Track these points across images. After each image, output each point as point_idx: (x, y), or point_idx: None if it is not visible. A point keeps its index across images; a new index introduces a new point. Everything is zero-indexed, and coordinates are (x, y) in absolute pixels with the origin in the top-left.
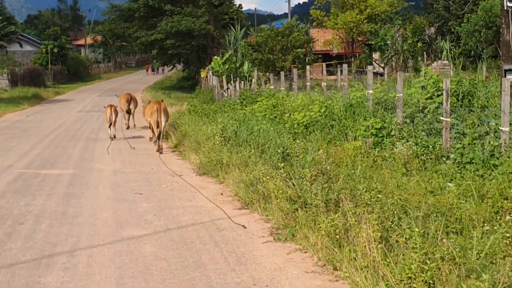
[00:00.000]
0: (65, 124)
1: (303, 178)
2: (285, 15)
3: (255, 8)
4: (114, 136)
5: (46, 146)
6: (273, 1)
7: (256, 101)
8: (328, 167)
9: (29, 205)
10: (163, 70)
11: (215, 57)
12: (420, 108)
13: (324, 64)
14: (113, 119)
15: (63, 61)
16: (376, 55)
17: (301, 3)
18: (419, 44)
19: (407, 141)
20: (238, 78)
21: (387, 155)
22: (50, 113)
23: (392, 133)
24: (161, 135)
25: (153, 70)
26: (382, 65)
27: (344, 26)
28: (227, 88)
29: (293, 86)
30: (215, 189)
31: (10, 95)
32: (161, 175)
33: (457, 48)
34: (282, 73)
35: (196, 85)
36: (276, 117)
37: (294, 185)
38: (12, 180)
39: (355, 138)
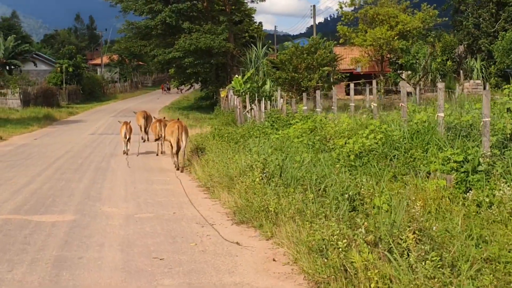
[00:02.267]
0: (73, 150)
1: (401, 244)
2: (301, 35)
3: (275, 27)
4: (128, 150)
5: (47, 179)
6: (288, 22)
7: (289, 124)
8: (430, 226)
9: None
10: (181, 90)
11: (236, 76)
12: (509, 135)
13: (352, 84)
14: (128, 136)
15: (78, 80)
16: (403, 74)
17: (321, 21)
18: (449, 63)
19: (503, 178)
20: (261, 98)
21: (485, 200)
22: (60, 136)
23: (480, 168)
24: (184, 153)
25: (167, 89)
26: (410, 84)
27: (374, 43)
28: (251, 109)
29: (333, 107)
30: (262, 250)
31: (20, 115)
32: (187, 224)
33: (487, 67)
34: (318, 92)
35: (214, 105)
36: (314, 143)
37: (388, 254)
38: None
39: (429, 174)
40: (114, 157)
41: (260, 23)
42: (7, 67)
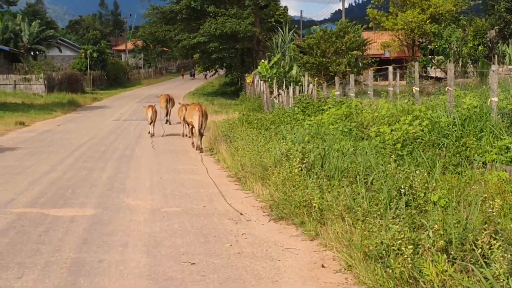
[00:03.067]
0: (97, 136)
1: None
2: (325, 21)
3: (301, 11)
4: (153, 134)
5: (68, 168)
6: (312, 8)
7: (321, 110)
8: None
9: None
10: (205, 75)
11: (262, 61)
12: None
13: (390, 67)
14: (154, 119)
15: (103, 66)
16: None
17: (347, 7)
18: (480, 48)
19: None
20: (289, 83)
21: None
22: (84, 122)
23: None
24: (202, 135)
25: (192, 75)
26: (440, 69)
27: (405, 27)
28: (278, 94)
29: (368, 92)
30: (307, 252)
31: (44, 101)
32: (219, 221)
33: None
34: (352, 76)
35: (239, 91)
36: (351, 130)
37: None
38: (1, 230)
39: (484, 165)
40: (138, 144)
41: (286, 7)
42: (32, 53)
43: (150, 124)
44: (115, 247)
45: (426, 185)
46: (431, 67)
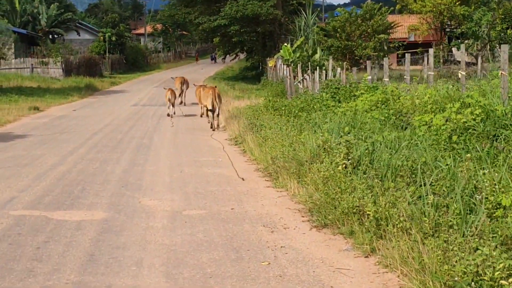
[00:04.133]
0: (113, 123)
1: None
2: (346, 5)
3: None
4: (174, 113)
5: (79, 159)
6: None
7: (352, 95)
8: None
9: None
10: (224, 59)
11: (285, 44)
12: None
13: (430, 50)
14: (173, 101)
15: (121, 50)
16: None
17: None
18: (509, 31)
19: None
20: (313, 68)
21: None
22: (100, 107)
23: None
24: (218, 115)
25: (213, 59)
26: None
27: (433, 9)
28: (303, 79)
29: (405, 77)
30: (365, 275)
31: (61, 85)
32: (251, 228)
33: None
34: (386, 59)
35: (260, 76)
36: (389, 118)
37: None
38: None
39: None
40: (157, 132)
41: None
42: (50, 36)
43: (169, 106)
44: (127, 266)
45: (495, 186)
46: (460, 50)
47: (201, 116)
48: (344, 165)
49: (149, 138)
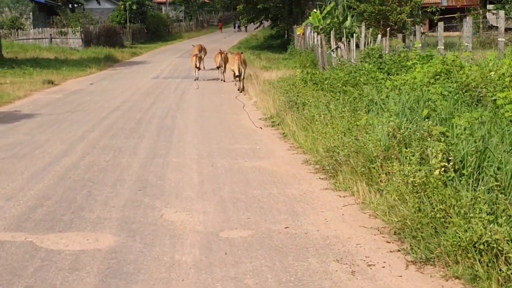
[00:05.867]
0: (132, 99)
1: None
2: None
3: None
4: (198, 78)
5: (89, 148)
6: None
7: (403, 66)
8: None
9: None
10: (246, 28)
11: (314, 10)
12: None
13: (501, 13)
14: (198, 65)
15: (142, 19)
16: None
17: None
18: None
19: None
20: (346, 36)
21: None
22: (119, 80)
23: None
24: (243, 79)
25: (237, 27)
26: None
27: None
28: (337, 48)
29: (467, 44)
30: None
31: (80, 56)
32: (321, 265)
33: None
34: (440, 24)
35: (287, 44)
36: (453, 93)
37: None
38: None
39: None
40: (180, 110)
41: None
42: (70, 5)
43: (195, 70)
44: None
45: None
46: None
47: (220, 80)
48: (442, 169)
49: (172, 118)
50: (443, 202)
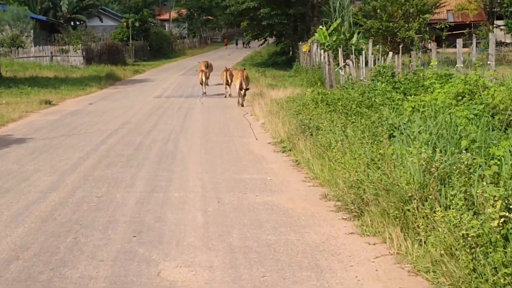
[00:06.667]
0: (132, 120)
1: None
2: None
3: None
4: (205, 93)
5: (82, 179)
6: None
7: (420, 86)
8: None
9: None
10: (248, 45)
11: (320, 27)
12: None
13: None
14: (204, 81)
15: (145, 36)
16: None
17: None
18: None
19: None
20: (353, 52)
21: None
22: (120, 99)
23: None
24: (244, 94)
25: (242, 43)
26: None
27: None
28: (345, 65)
29: (489, 62)
30: None
31: (81, 74)
32: None
33: None
34: (459, 41)
35: (291, 61)
36: (479, 117)
37: None
38: None
39: None
40: (184, 132)
41: None
42: (72, 23)
43: (202, 84)
44: None
45: None
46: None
47: (225, 97)
48: (501, 219)
49: (174, 142)
50: (507, 265)
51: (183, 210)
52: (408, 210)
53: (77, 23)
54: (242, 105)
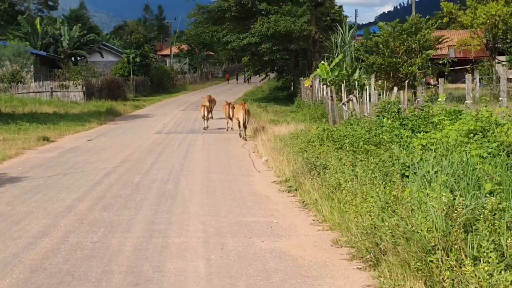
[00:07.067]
0: (131, 158)
1: None
2: (370, 24)
3: (356, 11)
4: (207, 127)
5: (76, 223)
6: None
7: (429, 122)
8: None
9: None
10: (250, 80)
11: (322, 62)
12: None
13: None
14: (206, 115)
15: (146, 71)
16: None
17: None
18: None
19: None
20: (357, 88)
21: None
22: (119, 136)
23: None
24: (245, 127)
25: (243, 79)
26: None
27: (488, 21)
28: (349, 100)
29: (501, 99)
30: None
31: (81, 110)
32: None
33: None
34: (468, 77)
35: (293, 96)
36: (493, 155)
37: None
38: None
39: None
40: (185, 170)
41: (341, 6)
42: (73, 58)
43: (203, 118)
44: None
45: None
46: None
47: (227, 130)
48: None
49: (174, 182)
50: None
51: (184, 258)
52: (431, 261)
53: (78, 58)
54: (245, 139)
